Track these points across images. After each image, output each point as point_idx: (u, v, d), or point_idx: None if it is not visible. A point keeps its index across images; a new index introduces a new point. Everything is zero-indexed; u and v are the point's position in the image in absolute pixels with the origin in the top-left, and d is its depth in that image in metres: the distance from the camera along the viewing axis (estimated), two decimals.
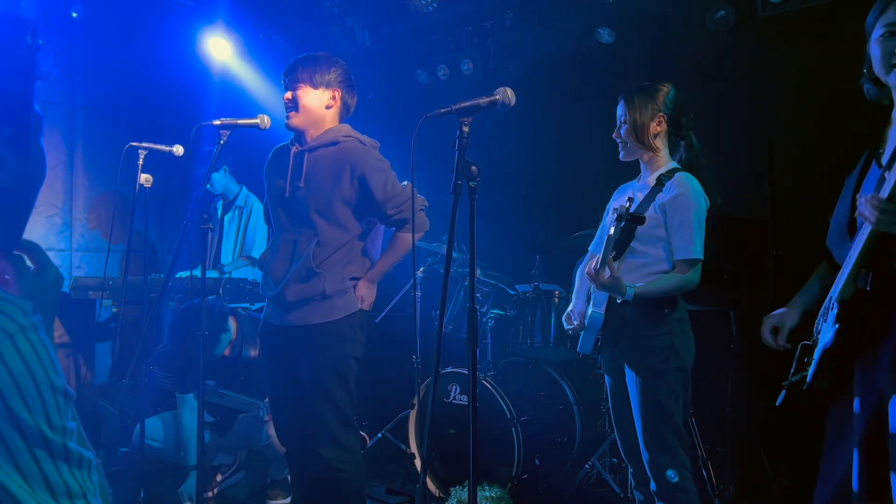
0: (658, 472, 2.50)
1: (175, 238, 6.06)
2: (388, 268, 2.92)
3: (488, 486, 3.57)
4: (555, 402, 4.10)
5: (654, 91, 2.63)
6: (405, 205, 2.78)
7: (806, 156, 4.32)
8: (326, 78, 2.85)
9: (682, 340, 2.53)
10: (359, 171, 2.77)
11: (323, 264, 2.77)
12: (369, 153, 2.84)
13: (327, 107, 2.87)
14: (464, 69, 5.35)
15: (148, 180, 3.52)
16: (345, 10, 5.49)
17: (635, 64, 4.76)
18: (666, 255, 2.54)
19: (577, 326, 2.75)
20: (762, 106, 4.42)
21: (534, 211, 5.53)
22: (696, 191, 2.52)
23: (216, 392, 3.77)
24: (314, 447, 2.76)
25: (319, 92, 2.84)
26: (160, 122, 5.42)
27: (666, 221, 2.51)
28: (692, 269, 2.49)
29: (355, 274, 2.85)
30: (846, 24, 4.16)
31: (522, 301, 4.16)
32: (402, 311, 4.73)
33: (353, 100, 2.98)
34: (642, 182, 2.72)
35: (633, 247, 2.56)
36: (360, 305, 2.84)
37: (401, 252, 2.89)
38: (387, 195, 2.78)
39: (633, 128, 2.61)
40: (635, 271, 2.54)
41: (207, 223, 2.87)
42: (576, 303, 2.84)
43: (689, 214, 2.48)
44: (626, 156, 2.71)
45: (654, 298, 2.49)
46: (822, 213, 4.33)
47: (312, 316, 2.78)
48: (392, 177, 2.82)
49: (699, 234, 2.50)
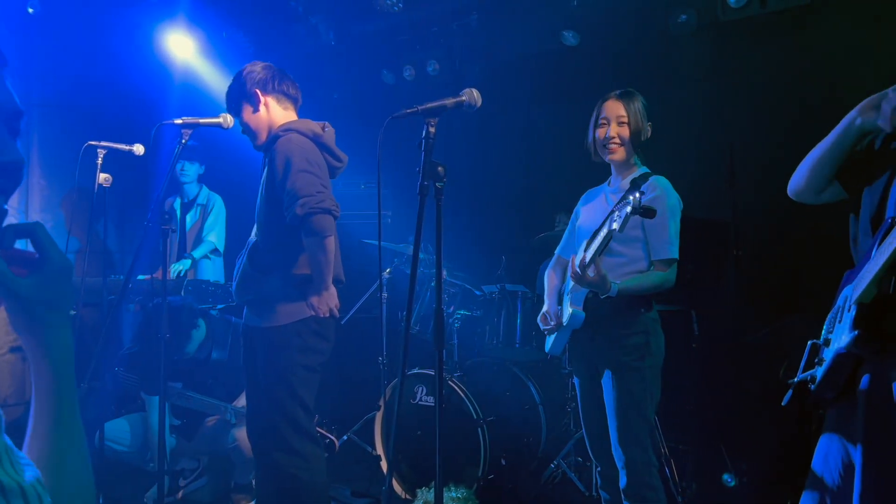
0: (631, 469, 2.53)
1: (135, 239, 5.94)
2: (319, 277, 2.68)
3: (455, 487, 3.58)
4: (521, 402, 4.12)
5: (638, 96, 2.68)
6: (293, 209, 2.56)
7: (767, 158, 4.41)
8: (243, 92, 2.82)
9: (655, 339, 2.59)
10: (271, 162, 2.68)
11: (262, 265, 2.72)
12: (289, 142, 2.67)
13: (259, 112, 2.84)
14: (430, 70, 5.35)
15: (107, 180, 3.45)
16: (309, 9, 5.45)
17: (599, 67, 4.81)
18: (643, 255, 2.61)
19: (554, 327, 2.76)
20: (723, 108, 4.50)
21: (500, 212, 5.56)
22: (671, 193, 2.60)
23: (183, 395, 3.72)
24: (270, 452, 2.73)
25: (246, 108, 2.84)
26: (120, 120, 5.31)
27: (643, 222, 2.56)
28: (670, 268, 2.56)
29: (301, 278, 2.72)
30: (804, 28, 4.27)
31: (489, 302, 4.17)
32: (368, 313, 4.71)
33: (279, 86, 2.85)
34: (614, 186, 2.75)
35: (611, 247, 2.58)
36: (311, 312, 2.71)
37: (314, 260, 2.65)
38: (283, 191, 2.60)
39: (636, 131, 2.63)
40: (613, 271, 2.57)
41: (168, 223, 2.82)
42: (549, 304, 2.84)
43: (665, 216, 2.54)
44: (614, 156, 2.67)
45: (631, 298, 2.54)
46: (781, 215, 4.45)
47: (260, 319, 2.75)
48: (295, 174, 2.59)
49: (675, 234, 2.57)
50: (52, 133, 5.51)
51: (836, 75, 4.13)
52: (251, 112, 2.83)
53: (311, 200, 2.57)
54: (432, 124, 1.97)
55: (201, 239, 5.16)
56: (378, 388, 4.16)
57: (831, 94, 4.13)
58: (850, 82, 3.97)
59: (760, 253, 4.24)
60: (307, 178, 2.60)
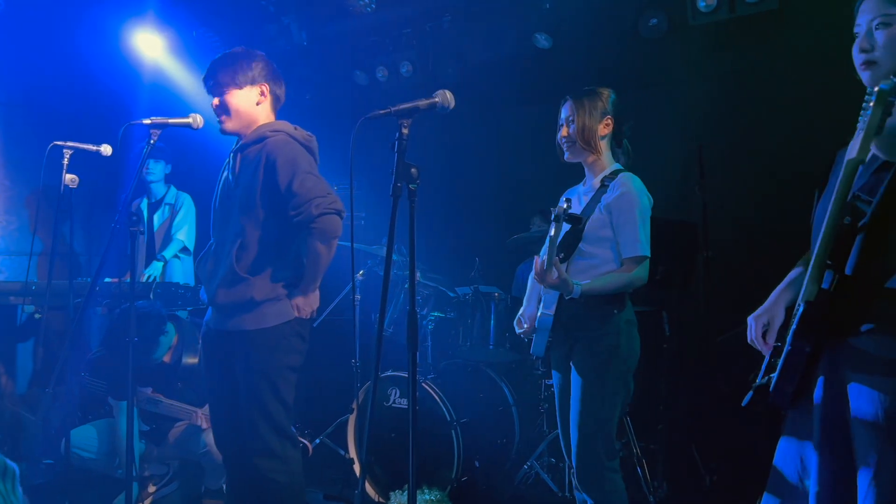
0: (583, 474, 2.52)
1: (102, 241, 5.85)
2: (314, 279, 2.73)
3: (428, 490, 3.57)
4: (494, 403, 4.13)
5: (599, 94, 2.66)
6: (306, 208, 2.57)
7: (735, 160, 4.48)
8: (250, 75, 2.74)
9: (626, 341, 2.55)
10: (271, 162, 2.64)
11: (249, 268, 2.66)
12: (289, 144, 2.67)
13: (258, 104, 2.77)
14: (403, 71, 5.34)
15: (74, 181, 3.38)
16: (281, 8, 5.40)
17: (572, 69, 4.84)
18: (614, 255, 2.56)
19: (528, 329, 2.75)
20: (693, 110, 4.56)
21: (473, 214, 5.57)
22: (638, 189, 2.57)
23: (152, 400, 3.66)
24: (249, 456, 2.69)
25: (246, 91, 2.74)
26: (87, 120, 5.23)
27: (612, 221, 2.54)
28: (639, 265, 2.52)
29: (289, 279, 2.73)
30: (773, 32, 4.34)
31: (462, 303, 4.17)
32: (341, 315, 4.68)
33: (281, 90, 2.86)
34: (587, 185, 2.75)
35: (580, 248, 2.59)
36: (296, 314, 2.72)
37: (315, 261, 2.68)
38: (290, 192, 2.59)
39: (581, 129, 2.62)
40: (584, 272, 2.56)
41: (136, 225, 2.77)
42: (526, 307, 2.83)
43: (633, 213, 2.52)
44: (570, 156, 2.71)
45: (602, 297, 2.51)
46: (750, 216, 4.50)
47: (244, 322, 2.68)
48: (303, 175, 2.61)
49: (644, 230, 2.53)
50: (17, 133, 5.40)
51: (804, 78, 4.20)
52: (250, 100, 2.75)
53: (324, 201, 2.59)
54: (405, 125, 1.97)
55: (171, 238, 5.09)
56: (351, 391, 4.13)
57: (799, 96, 4.21)
58: (817, 86, 4.05)
59: (730, 254, 4.30)
60: (315, 180, 2.63)
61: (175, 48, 5.52)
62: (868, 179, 1.66)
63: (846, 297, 1.62)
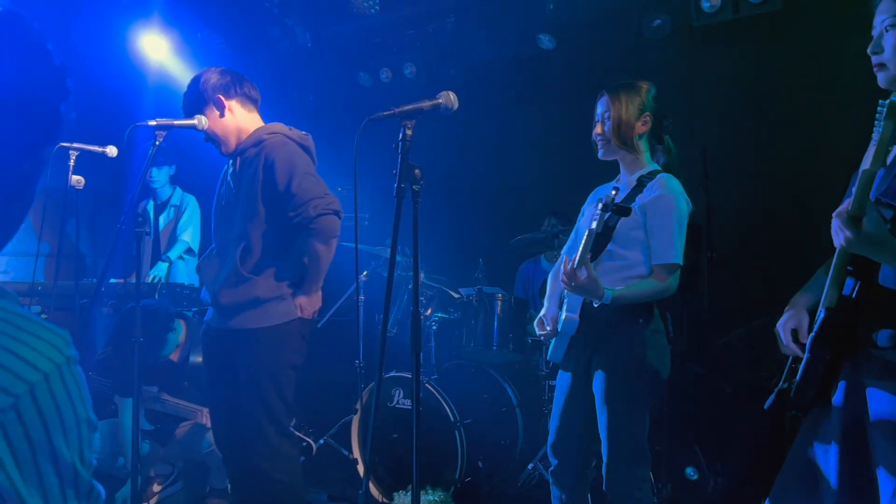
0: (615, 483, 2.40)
1: (108, 242, 5.86)
2: (316, 279, 2.75)
3: (432, 490, 3.57)
4: (498, 404, 4.13)
5: (637, 88, 2.51)
6: (304, 209, 2.60)
7: (740, 161, 4.47)
8: (203, 97, 2.78)
9: (655, 352, 2.41)
10: (269, 163, 2.67)
11: (253, 268, 2.69)
12: (286, 145, 2.71)
13: (221, 116, 2.80)
14: (406, 72, 5.35)
15: (79, 182, 3.40)
16: (285, 10, 5.42)
17: (575, 70, 4.85)
18: (644, 258, 2.42)
19: (550, 332, 2.58)
20: (697, 111, 4.56)
21: (477, 214, 5.57)
22: (678, 193, 2.42)
23: (158, 398, 3.66)
24: (250, 455, 2.70)
25: (209, 113, 2.78)
26: (93, 121, 5.23)
27: (646, 223, 2.40)
28: (671, 274, 2.38)
29: (292, 278, 2.75)
30: (777, 33, 4.34)
31: (466, 304, 4.17)
32: (345, 316, 4.69)
33: (244, 87, 2.85)
34: (622, 183, 2.57)
35: (609, 249, 2.45)
36: (299, 314, 2.74)
37: (316, 261, 2.70)
38: (288, 193, 2.62)
39: (617, 125, 2.47)
40: (612, 274, 2.42)
41: (142, 226, 2.79)
42: (548, 307, 2.67)
43: (670, 217, 2.37)
44: (605, 154, 2.56)
45: (628, 307, 2.37)
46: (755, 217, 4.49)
47: (247, 321, 2.71)
48: (301, 176, 2.63)
49: (680, 237, 2.38)
50: None
51: (808, 80, 4.20)
52: (217, 118, 2.79)
53: (322, 202, 2.62)
54: (409, 127, 1.96)
55: (176, 238, 5.11)
56: (355, 392, 4.14)
57: (803, 98, 4.21)
58: (821, 87, 4.05)
59: (734, 255, 4.29)
60: (313, 180, 2.66)
61: (180, 50, 5.53)
62: (891, 183, 1.64)
63: (867, 303, 1.61)
